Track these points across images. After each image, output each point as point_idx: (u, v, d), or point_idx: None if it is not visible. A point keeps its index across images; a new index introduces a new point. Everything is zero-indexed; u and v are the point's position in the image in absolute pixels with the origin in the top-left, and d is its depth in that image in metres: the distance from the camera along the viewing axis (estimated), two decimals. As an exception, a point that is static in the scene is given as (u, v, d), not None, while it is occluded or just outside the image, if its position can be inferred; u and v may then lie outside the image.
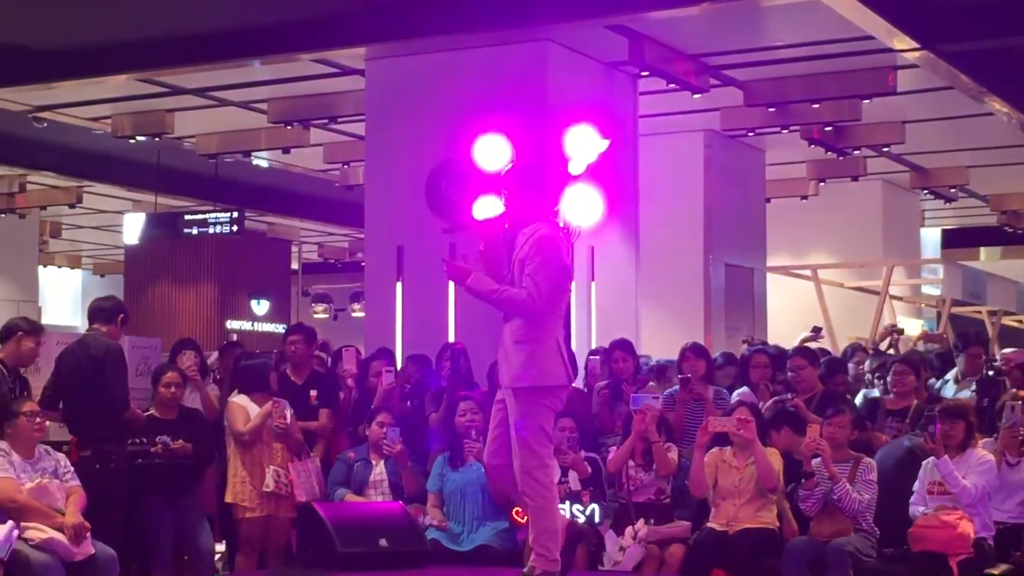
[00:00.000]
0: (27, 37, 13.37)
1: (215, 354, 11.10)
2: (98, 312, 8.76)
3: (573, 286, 11.70)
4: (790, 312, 18.96)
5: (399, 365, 10.65)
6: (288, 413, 9.01)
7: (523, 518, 8.45)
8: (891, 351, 14.14)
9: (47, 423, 8.25)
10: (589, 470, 8.71)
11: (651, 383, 10.26)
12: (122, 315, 8.83)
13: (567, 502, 8.44)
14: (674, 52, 12.97)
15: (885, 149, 17.30)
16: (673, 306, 15.73)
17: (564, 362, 6.84)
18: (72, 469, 8.02)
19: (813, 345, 12.41)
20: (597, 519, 8.47)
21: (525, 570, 6.82)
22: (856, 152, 17.23)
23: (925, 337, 14.09)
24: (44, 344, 8.82)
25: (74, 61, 13.61)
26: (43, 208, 22.38)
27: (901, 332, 16.19)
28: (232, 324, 23.88)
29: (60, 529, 7.56)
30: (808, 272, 19.56)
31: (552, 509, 6.81)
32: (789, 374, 9.61)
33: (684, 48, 13.01)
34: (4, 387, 8.30)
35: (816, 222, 20.33)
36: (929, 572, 7.74)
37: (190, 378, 9.66)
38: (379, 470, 9.13)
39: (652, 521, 8.39)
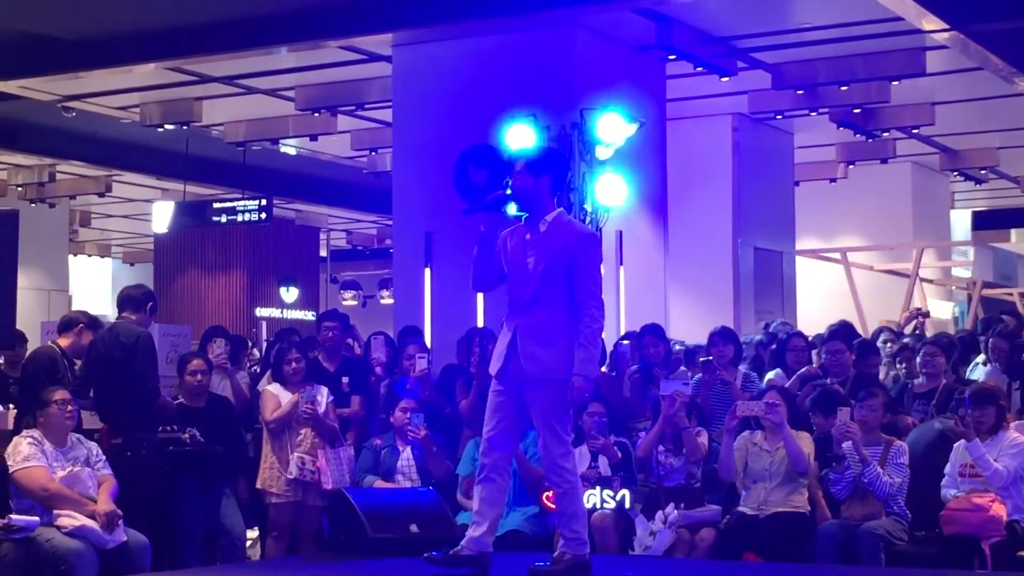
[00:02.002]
0: (56, 27, 13.42)
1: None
2: (128, 300, 8.76)
3: (602, 269, 11.76)
4: (820, 296, 18.93)
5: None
6: (323, 400, 9.05)
7: (554, 503, 8.47)
8: (916, 334, 14.08)
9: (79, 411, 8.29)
10: (619, 455, 8.70)
11: (682, 368, 10.24)
12: (151, 303, 8.84)
13: (597, 487, 8.43)
14: (702, 35, 12.94)
15: (915, 131, 17.22)
16: (702, 290, 15.70)
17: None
18: (104, 457, 8.06)
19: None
20: (627, 504, 8.45)
21: (555, 554, 6.83)
22: (885, 134, 17.17)
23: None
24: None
25: (102, 50, 13.66)
26: (73, 197, 22.49)
27: (927, 315, 16.12)
28: (261, 311, 23.99)
29: (92, 517, 7.60)
30: (838, 255, 19.50)
31: (578, 493, 6.86)
32: (825, 357, 9.58)
33: (712, 31, 12.97)
34: (65, 374, 8.38)
35: (845, 205, 20.27)
36: (961, 555, 7.71)
37: (219, 366, 9.69)
38: (406, 456, 9.14)
39: (682, 505, 8.37)
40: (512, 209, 6.95)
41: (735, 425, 8.42)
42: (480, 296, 11.68)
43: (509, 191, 6.91)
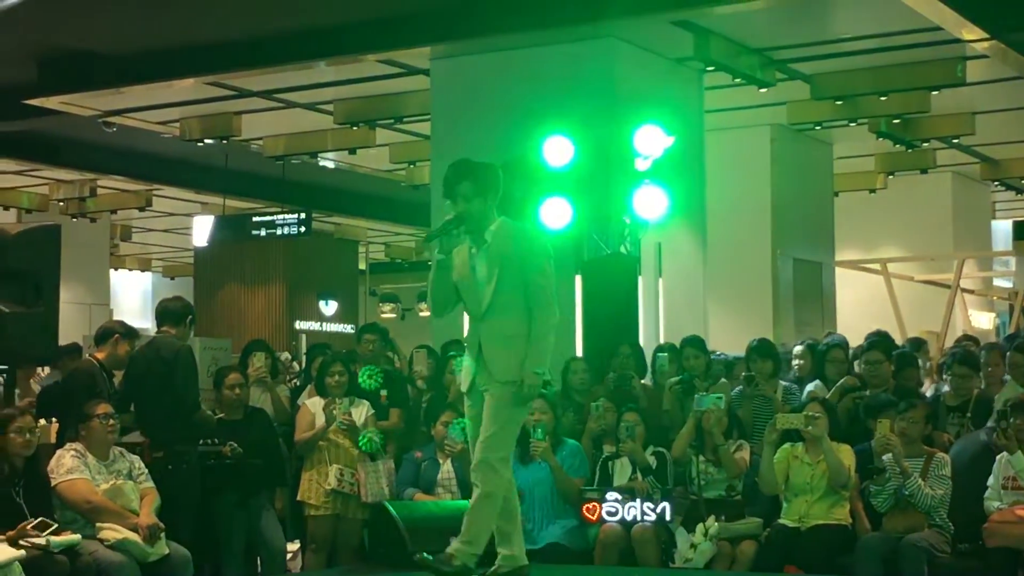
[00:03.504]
0: (96, 43, 13.53)
1: (285, 353, 11.15)
2: (167, 314, 8.79)
3: (640, 281, 11.76)
4: (860, 307, 18.83)
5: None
6: (363, 413, 9.07)
7: (593, 515, 8.46)
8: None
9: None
10: (648, 460, 8.66)
11: (722, 379, 10.21)
12: (190, 316, 8.86)
13: (637, 500, 8.41)
14: (739, 47, 12.91)
15: (955, 141, 17.12)
16: (741, 302, 15.65)
17: None
18: (146, 471, 8.10)
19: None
20: (668, 516, 8.42)
21: (443, 554, 6.77)
22: (925, 144, 17.09)
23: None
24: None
25: (142, 66, 13.76)
26: (113, 212, 22.66)
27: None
28: (300, 324, 24.06)
29: (135, 529, 7.64)
30: (878, 266, 19.40)
31: (497, 504, 6.76)
32: (864, 367, 9.53)
33: (750, 42, 12.95)
34: (104, 388, 8.43)
35: (885, 215, 20.18)
36: (1004, 568, 7.65)
37: (260, 379, 9.73)
38: (446, 468, 9.14)
39: (723, 518, 8.34)
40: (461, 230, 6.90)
41: (775, 438, 8.39)
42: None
43: (456, 213, 6.85)
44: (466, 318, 7.18)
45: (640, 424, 8.83)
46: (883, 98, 14.43)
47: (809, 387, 9.74)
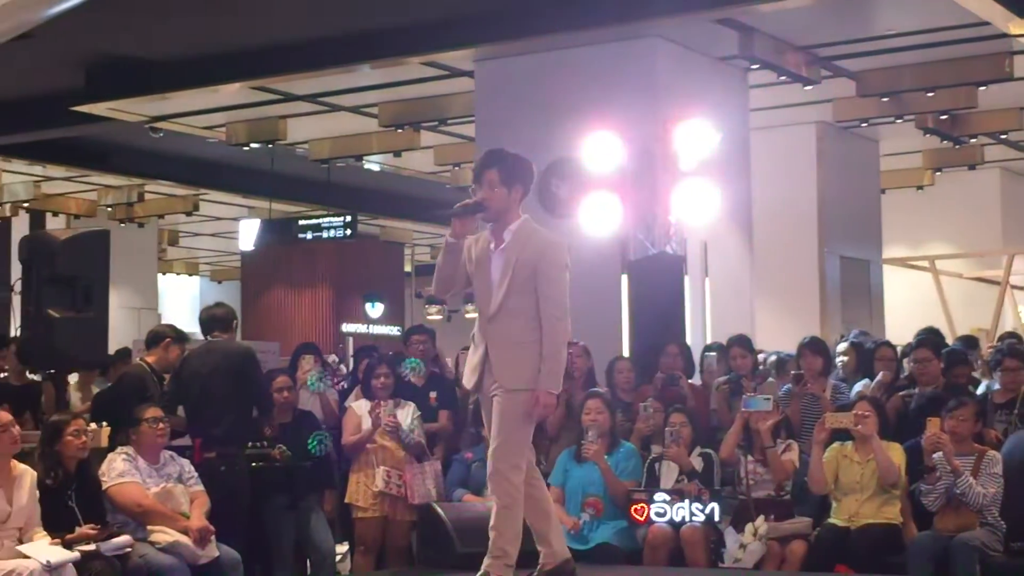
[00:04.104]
0: (143, 49, 13.62)
1: (332, 356, 11.19)
2: (215, 321, 8.87)
3: (687, 281, 11.74)
4: (908, 304, 18.70)
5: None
6: (410, 415, 9.10)
7: (642, 516, 8.44)
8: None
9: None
10: (692, 466, 8.64)
11: (770, 379, 10.17)
12: (236, 321, 9.03)
13: (685, 500, 8.39)
14: (784, 44, 12.86)
15: (1003, 136, 17.00)
16: (788, 301, 15.58)
17: None
18: (196, 474, 8.14)
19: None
20: (716, 517, 8.40)
21: (482, 571, 6.59)
22: (973, 140, 16.97)
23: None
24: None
25: (189, 71, 13.86)
26: (161, 217, 22.80)
27: None
28: (347, 327, 24.11)
29: (185, 532, 7.68)
30: (926, 263, 19.28)
31: (519, 513, 6.61)
32: (913, 366, 9.46)
33: (794, 40, 12.90)
34: (155, 392, 8.49)
35: (933, 212, 20.05)
36: (1058, 566, 7.59)
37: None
38: (495, 469, 9.13)
39: (772, 517, 8.31)
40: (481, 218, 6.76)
41: (824, 437, 8.34)
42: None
43: (478, 198, 6.72)
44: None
45: (687, 425, 8.80)
46: (930, 94, 14.35)
47: (858, 386, 9.68)
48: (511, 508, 6.55)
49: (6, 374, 10.93)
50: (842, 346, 10.74)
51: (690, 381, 9.95)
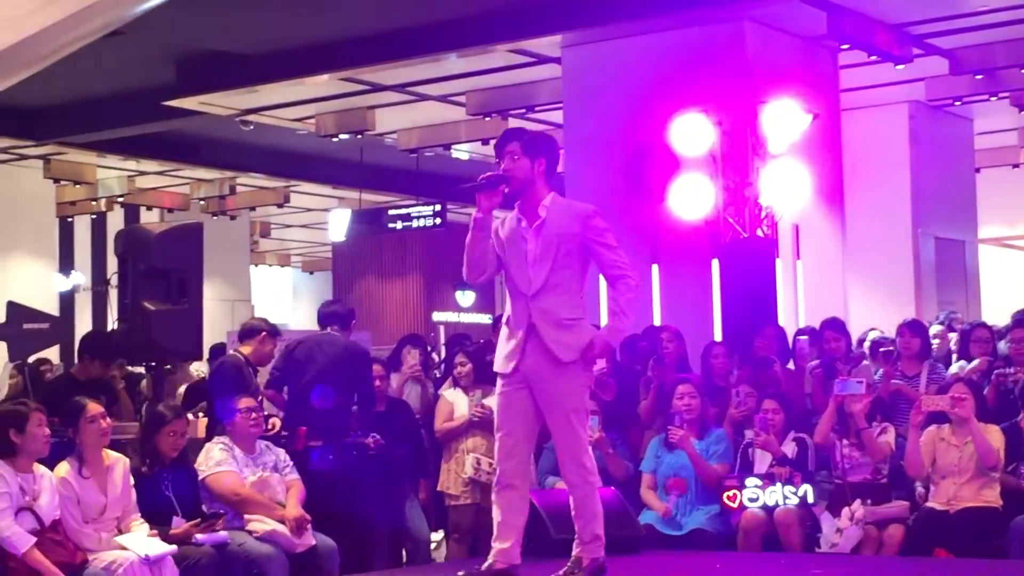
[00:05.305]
0: (231, 43, 13.75)
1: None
2: (333, 316, 9.24)
3: (779, 264, 11.64)
4: (1006, 285, 18.42)
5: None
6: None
7: (734, 502, 8.39)
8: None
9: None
10: (782, 453, 8.56)
11: (865, 361, 10.07)
12: (354, 321, 9.41)
13: (778, 484, 8.32)
14: (874, 23, 12.69)
15: (1099, 112, 16.68)
16: (882, 283, 15.39)
17: None
18: (291, 463, 8.20)
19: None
20: (811, 499, 8.33)
21: (573, 559, 6.56)
22: (1069, 116, 16.66)
23: None
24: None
25: (277, 64, 13.97)
26: (252, 209, 23.01)
27: None
28: (438, 316, 24.20)
29: (282, 521, 7.74)
30: (1023, 243, 18.97)
31: (596, 494, 6.57)
32: (1010, 346, 9.32)
33: (885, 18, 12.73)
34: (251, 383, 8.61)
35: (1029, 190, 19.72)
36: None
37: (412, 376, 9.84)
38: (587, 457, 9.12)
39: (869, 501, 8.23)
40: (505, 190, 6.66)
41: (921, 420, 8.24)
42: (656, 295, 11.64)
43: (501, 171, 6.66)
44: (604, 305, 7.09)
45: (779, 412, 8.72)
46: (1024, 71, 14.12)
47: (954, 368, 9.56)
48: (592, 494, 6.55)
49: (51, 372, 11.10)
50: (935, 328, 10.61)
51: (788, 366, 9.88)
